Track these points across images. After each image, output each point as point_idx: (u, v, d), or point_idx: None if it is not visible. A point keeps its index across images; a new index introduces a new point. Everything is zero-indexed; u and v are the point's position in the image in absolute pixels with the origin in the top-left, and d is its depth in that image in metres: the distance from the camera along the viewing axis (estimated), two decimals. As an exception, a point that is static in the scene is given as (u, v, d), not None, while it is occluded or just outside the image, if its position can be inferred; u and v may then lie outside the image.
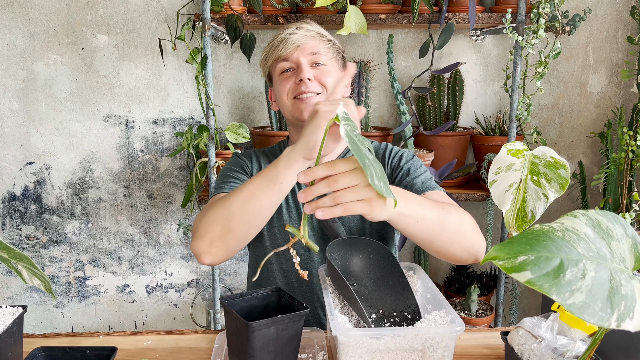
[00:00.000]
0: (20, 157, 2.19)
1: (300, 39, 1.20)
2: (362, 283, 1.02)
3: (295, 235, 0.81)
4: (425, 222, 0.95)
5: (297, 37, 1.20)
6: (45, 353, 0.89)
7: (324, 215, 0.81)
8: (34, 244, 2.27)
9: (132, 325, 2.36)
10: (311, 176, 0.81)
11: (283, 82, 1.22)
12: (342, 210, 0.82)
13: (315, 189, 0.81)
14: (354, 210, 0.82)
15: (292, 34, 1.20)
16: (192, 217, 2.25)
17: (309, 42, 1.21)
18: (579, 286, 0.49)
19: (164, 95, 2.15)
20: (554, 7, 1.75)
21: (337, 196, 0.80)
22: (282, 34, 1.22)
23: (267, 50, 1.26)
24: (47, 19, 2.08)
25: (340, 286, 0.94)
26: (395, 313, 0.97)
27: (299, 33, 1.21)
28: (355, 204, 0.82)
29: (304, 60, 1.20)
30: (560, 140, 2.22)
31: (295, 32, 1.21)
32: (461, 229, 1.02)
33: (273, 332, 0.85)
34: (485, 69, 2.16)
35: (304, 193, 0.80)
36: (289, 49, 1.20)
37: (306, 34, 1.21)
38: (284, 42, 1.20)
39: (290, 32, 1.21)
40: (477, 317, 2.01)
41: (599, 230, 0.56)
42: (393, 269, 1.01)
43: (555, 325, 0.83)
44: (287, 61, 1.22)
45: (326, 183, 0.80)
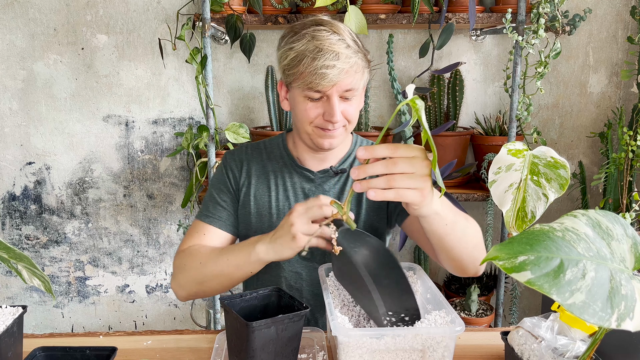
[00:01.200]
0: (20, 157, 2.19)
1: (337, 76, 1.07)
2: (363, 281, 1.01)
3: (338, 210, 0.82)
4: (453, 227, 0.96)
5: (334, 75, 1.06)
6: (45, 353, 0.89)
7: (375, 196, 0.80)
8: (34, 244, 2.27)
9: (132, 325, 2.36)
10: (371, 154, 0.80)
11: (308, 110, 1.12)
12: (394, 195, 0.81)
13: (371, 167, 0.80)
14: (405, 197, 0.82)
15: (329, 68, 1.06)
16: (192, 217, 2.25)
17: (346, 80, 1.08)
18: (579, 286, 0.49)
19: (164, 95, 2.15)
20: (554, 7, 1.75)
21: (393, 179, 0.80)
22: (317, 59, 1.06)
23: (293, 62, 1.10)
24: (47, 19, 2.08)
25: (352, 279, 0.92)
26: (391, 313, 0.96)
27: (337, 66, 1.06)
28: (408, 191, 0.81)
29: (336, 98, 1.10)
30: (560, 140, 2.22)
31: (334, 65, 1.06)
32: (478, 241, 1.05)
33: (273, 332, 0.85)
34: (485, 69, 2.16)
35: (357, 170, 0.80)
36: (324, 87, 1.08)
37: (345, 66, 1.07)
38: (320, 77, 1.06)
39: (327, 63, 1.06)
40: (477, 317, 2.01)
41: (599, 230, 0.56)
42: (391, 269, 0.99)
43: (555, 325, 0.83)
44: (318, 92, 1.10)
45: (385, 164, 0.80)
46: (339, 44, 1.07)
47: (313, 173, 1.23)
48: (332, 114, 1.09)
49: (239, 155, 1.29)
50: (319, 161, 1.23)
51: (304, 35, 1.09)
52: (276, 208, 1.23)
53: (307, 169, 1.23)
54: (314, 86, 1.08)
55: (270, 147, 1.29)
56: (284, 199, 1.23)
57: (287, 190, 1.23)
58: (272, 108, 1.99)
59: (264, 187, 1.24)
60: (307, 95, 1.11)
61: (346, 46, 1.08)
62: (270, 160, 1.26)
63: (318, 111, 1.11)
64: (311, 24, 1.11)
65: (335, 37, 1.08)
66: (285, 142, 1.28)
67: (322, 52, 1.06)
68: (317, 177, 1.23)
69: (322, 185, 1.22)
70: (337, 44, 1.07)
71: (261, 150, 1.29)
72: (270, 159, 1.27)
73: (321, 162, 1.23)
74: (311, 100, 1.11)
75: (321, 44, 1.07)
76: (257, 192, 1.24)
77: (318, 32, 1.08)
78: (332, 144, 1.15)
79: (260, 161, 1.27)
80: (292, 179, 1.24)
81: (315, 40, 1.07)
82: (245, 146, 1.32)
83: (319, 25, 1.10)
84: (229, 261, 1.09)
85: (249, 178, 1.26)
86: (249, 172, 1.26)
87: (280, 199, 1.23)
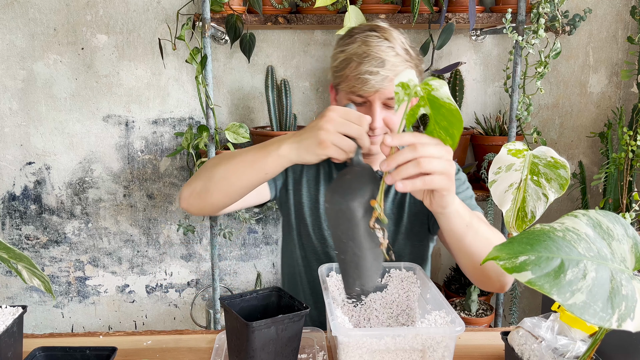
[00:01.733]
0: (20, 157, 2.19)
1: (380, 83, 1.06)
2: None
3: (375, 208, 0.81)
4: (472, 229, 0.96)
5: (376, 81, 1.06)
6: (45, 353, 0.89)
7: (404, 187, 0.79)
8: (34, 244, 2.26)
9: (132, 325, 2.36)
10: (399, 140, 0.79)
11: None
12: (423, 183, 0.80)
13: (400, 155, 0.79)
14: (434, 183, 0.81)
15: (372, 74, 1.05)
16: (192, 217, 2.25)
17: (390, 88, 1.07)
18: (580, 286, 0.49)
19: (164, 95, 2.15)
20: (554, 7, 1.75)
21: (421, 162, 0.79)
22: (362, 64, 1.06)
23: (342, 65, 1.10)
24: (47, 19, 2.08)
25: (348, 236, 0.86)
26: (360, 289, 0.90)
27: (381, 73, 1.06)
28: (436, 177, 0.81)
29: (377, 104, 1.09)
30: (560, 140, 2.22)
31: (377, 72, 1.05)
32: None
33: (273, 332, 0.85)
34: (485, 69, 2.16)
35: (387, 161, 0.79)
36: (366, 92, 1.08)
37: (389, 74, 1.06)
38: (363, 82, 1.06)
39: (371, 69, 1.05)
40: (477, 317, 2.01)
41: (600, 231, 0.56)
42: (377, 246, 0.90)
43: (555, 325, 0.83)
44: (360, 97, 1.10)
45: (412, 148, 0.79)
46: (387, 51, 1.06)
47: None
48: (372, 120, 1.07)
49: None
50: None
51: (356, 39, 1.09)
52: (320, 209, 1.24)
53: None
54: (356, 90, 1.08)
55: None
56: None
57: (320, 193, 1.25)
58: (272, 108, 1.99)
59: (313, 181, 1.26)
60: (351, 99, 1.11)
61: (395, 54, 1.07)
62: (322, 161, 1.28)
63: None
64: (366, 28, 1.11)
65: (385, 44, 1.07)
66: None
67: (368, 57, 1.06)
68: None
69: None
70: (385, 51, 1.06)
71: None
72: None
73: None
74: (354, 104, 1.10)
75: (369, 49, 1.06)
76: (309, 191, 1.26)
77: (369, 38, 1.08)
78: (372, 149, 1.14)
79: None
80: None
81: (364, 45, 1.07)
82: None
83: (373, 30, 1.10)
84: (245, 156, 1.02)
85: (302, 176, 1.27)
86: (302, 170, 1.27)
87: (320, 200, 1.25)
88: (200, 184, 1.09)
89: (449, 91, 0.76)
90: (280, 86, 1.98)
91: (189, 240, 2.28)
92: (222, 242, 2.27)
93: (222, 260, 2.29)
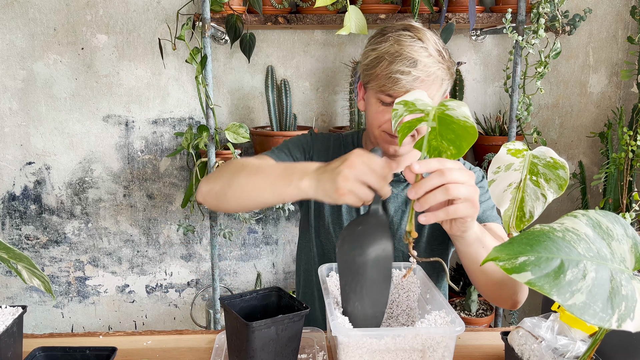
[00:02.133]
0: (20, 157, 2.19)
1: (411, 83, 1.04)
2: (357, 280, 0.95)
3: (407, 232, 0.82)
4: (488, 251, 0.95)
5: (407, 81, 1.04)
6: (45, 353, 0.89)
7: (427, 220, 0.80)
8: (34, 244, 2.26)
9: (132, 325, 2.36)
10: (426, 167, 0.79)
11: (379, 114, 1.11)
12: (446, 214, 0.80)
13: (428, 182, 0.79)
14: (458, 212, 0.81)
15: (403, 74, 1.04)
16: (192, 217, 2.25)
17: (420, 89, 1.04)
18: (580, 287, 0.49)
19: (164, 95, 2.15)
20: (554, 7, 1.75)
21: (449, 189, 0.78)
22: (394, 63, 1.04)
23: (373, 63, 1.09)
24: (47, 19, 2.08)
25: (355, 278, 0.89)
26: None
27: (413, 73, 1.04)
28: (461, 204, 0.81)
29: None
30: (560, 140, 2.22)
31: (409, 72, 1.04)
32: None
33: (273, 332, 0.85)
34: (485, 69, 2.16)
35: (414, 188, 0.79)
36: (396, 92, 1.05)
37: (421, 75, 1.04)
38: (394, 81, 1.05)
39: (403, 69, 1.04)
40: (477, 317, 2.01)
41: (599, 231, 0.55)
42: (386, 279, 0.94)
43: (555, 325, 0.83)
44: (390, 97, 1.08)
45: (439, 174, 0.78)
46: (420, 51, 1.05)
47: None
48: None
49: (325, 141, 1.29)
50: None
51: (388, 38, 1.08)
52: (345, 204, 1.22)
53: None
54: (386, 90, 1.07)
55: (346, 143, 1.29)
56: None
57: None
58: (272, 108, 1.99)
59: None
60: (380, 98, 1.10)
61: (427, 55, 1.05)
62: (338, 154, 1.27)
63: (388, 116, 1.09)
64: (399, 27, 1.10)
65: (418, 44, 1.06)
66: (360, 140, 1.28)
67: (400, 56, 1.04)
68: None
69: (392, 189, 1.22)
70: (418, 51, 1.05)
71: (341, 143, 1.29)
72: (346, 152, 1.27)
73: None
74: (383, 104, 1.10)
75: (402, 49, 1.05)
76: None
77: (402, 37, 1.06)
78: (397, 151, 1.14)
79: (338, 152, 1.26)
80: None
81: (396, 45, 1.06)
82: (330, 136, 1.31)
83: (406, 30, 1.08)
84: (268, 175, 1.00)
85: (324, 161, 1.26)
86: (326, 157, 1.24)
87: None
88: (218, 186, 1.08)
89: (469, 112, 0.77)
90: (280, 86, 1.98)
91: (189, 240, 2.28)
92: (222, 242, 2.27)
93: (222, 260, 2.29)
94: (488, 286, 1.05)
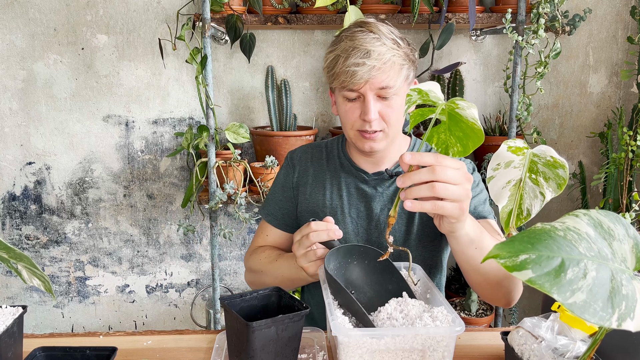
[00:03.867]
0: (20, 157, 2.19)
1: (368, 73, 1.06)
2: (360, 290, 1.00)
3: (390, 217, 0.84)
4: (481, 253, 0.96)
5: (364, 72, 1.06)
6: (45, 353, 0.89)
7: (412, 207, 0.80)
8: (34, 244, 2.26)
9: (132, 325, 2.36)
10: (417, 160, 0.79)
11: (348, 112, 1.13)
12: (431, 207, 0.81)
13: (416, 174, 0.79)
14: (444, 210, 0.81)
15: (359, 66, 1.06)
16: (192, 217, 2.25)
17: (379, 77, 1.07)
18: (580, 286, 0.49)
19: (164, 95, 2.15)
20: (554, 7, 1.75)
21: (435, 187, 0.78)
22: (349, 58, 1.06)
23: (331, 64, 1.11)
24: (47, 19, 2.08)
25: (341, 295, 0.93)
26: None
27: (367, 63, 1.05)
28: (448, 204, 0.80)
29: (370, 95, 1.09)
30: (560, 140, 2.22)
31: (364, 63, 1.06)
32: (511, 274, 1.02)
33: (273, 332, 0.85)
34: (485, 69, 2.16)
35: (403, 177, 0.79)
36: (356, 84, 1.07)
37: (376, 63, 1.05)
38: (351, 75, 1.06)
39: (357, 61, 1.06)
40: (477, 317, 2.01)
41: (601, 230, 0.55)
42: (391, 273, 1.00)
43: (555, 325, 0.83)
44: (352, 92, 1.10)
45: (429, 170, 0.79)
46: (373, 42, 1.07)
47: (368, 175, 1.22)
48: (366, 111, 1.09)
49: (301, 155, 1.32)
50: (372, 164, 1.23)
51: (343, 37, 1.11)
52: (330, 207, 1.23)
53: (362, 170, 1.23)
54: (347, 84, 1.08)
55: (331, 148, 1.31)
56: (337, 198, 1.23)
57: (341, 190, 1.24)
58: (272, 108, 1.99)
59: (320, 186, 1.26)
60: (345, 95, 1.12)
61: (380, 44, 1.07)
62: (329, 160, 1.28)
63: (357, 112, 1.11)
64: (352, 26, 1.13)
65: (370, 36, 1.08)
66: (344, 144, 1.29)
67: (354, 50, 1.07)
68: (372, 179, 1.22)
69: (376, 187, 1.22)
70: (370, 42, 1.07)
71: (322, 150, 1.31)
72: (329, 159, 1.28)
73: (375, 165, 1.23)
74: (349, 100, 1.12)
75: (354, 43, 1.07)
76: (313, 190, 1.26)
77: (355, 33, 1.09)
78: (373, 147, 1.14)
79: (320, 160, 1.29)
80: (347, 180, 1.24)
81: (349, 41, 1.08)
82: (309, 146, 1.34)
83: (358, 26, 1.11)
84: (284, 275, 1.15)
85: (307, 177, 1.28)
86: (307, 170, 1.28)
87: (334, 198, 1.24)
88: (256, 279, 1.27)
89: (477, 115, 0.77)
90: (280, 86, 1.98)
91: (189, 240, 2.28)
92: (222, 242, 2.26)
93: (222, 260, 2.28)
94: (482, 286, 1.05)
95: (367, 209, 1.21)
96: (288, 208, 1.29)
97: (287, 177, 1.30)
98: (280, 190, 1.31)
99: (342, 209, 1.22)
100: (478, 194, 1.20)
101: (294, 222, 1.29)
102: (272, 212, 1.30)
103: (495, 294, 1.07)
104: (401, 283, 0.98)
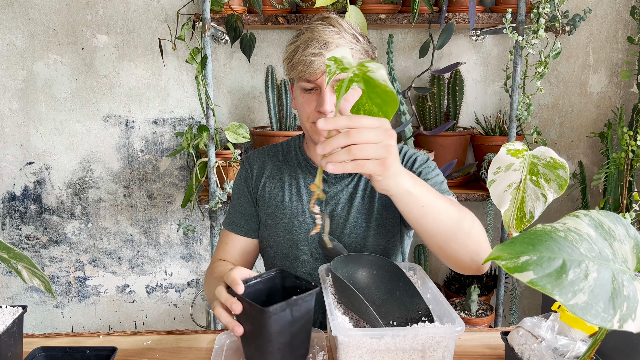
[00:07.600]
0: (20, 157, 2.19)
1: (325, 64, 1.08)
2: (369, 299, 1.00)
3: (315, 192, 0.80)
4: (431, 210, 0.92)
5: (321, 62, 1.07)
6: (45, 353, 0.89)
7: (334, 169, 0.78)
8: (34, 244, 2.26)
9: (132, 325, 2.36)
10: (332, 124, 0.78)
11: (304, 104, 1.14)
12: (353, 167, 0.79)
13: (335, 140, 0.78)
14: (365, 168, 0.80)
15: (316, 56, 1.07)
16: (192, 217, 2.25)
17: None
18: (582, 287, 0.49)
19: (164, 95, 2.15)
20: (554, 7, 1.75)
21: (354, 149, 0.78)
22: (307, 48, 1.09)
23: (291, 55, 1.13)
24: (47, 19, 2.08)
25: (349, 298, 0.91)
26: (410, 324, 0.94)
27: (324, 54, 1.07)
28: (368, 162, 0.80)
29: (327, 89, 1.09)
30: (560, 140, 2.22)
31: (321, 53, 1.07)
32: (472, 231, 0.98)
33: (288, 314, 0.84)
34: (485, 69, 2.16)
35: (322, 145, 0.78)
36: (312, 74, 1.09)
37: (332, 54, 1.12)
38: (308, 64, 1.08)
39: (315, 51, 1.08)
40: (477, 317, 2.01)
41: (602, 231, 0.55)
42: (399, 280, 0.99)
43: (555, 325, 0.83)
44: (309, 82, 1.11)
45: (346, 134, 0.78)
46: (332, 34, 1.09)
47: (326, 173, 1.21)
48: (322, 103, 1.09)
49: (256, 157, 1.32)
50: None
51: (304, 30, 1.13)
52: (289, 209, 1.23)
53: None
54: (304, 75, 1.10)
55: (287, 148, 1.31)
56: (297, 199, 1.23)
57: (300, 190, 1.24)
58: (272, 108, 1.99)
59: (278, 188, 1.26)
60: (302, 86, 1.13)
61: (340, 37, 1.09)
62: (286, 161, 1.28)
63: (313, 104, 1.12)
64: (314, 20, 1.15)
65: (330, 29, 1.10)
66: (301, 143, 1.29)
67: (313, 40, 1.09)
68: (331, 177, 1.22)
69: (335, 186, 1.22)
70: (330, 35, 1.09)
71: (278, 151, 1.31)
72: (286, 160, 1.28)
73: None
74: (306, 91, 1.13)
75: (314, 34, 1.10)
76: (271, 193, 1.26)
77: (315, 26, 1.12)
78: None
79: (277, 162, 1.29)
80: (306, 180, 1.24)
81: (309, 33, 1.11)
82: (265, 148, 1.34)
83: (319, 20, 1.14)
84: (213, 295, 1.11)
85: (264, 180, 1.27)
86: (264, 173, 1.28)
87: (294, 199, 1.23)
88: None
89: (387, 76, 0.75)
90: (280, 86, 1.98)
91: (189, 240, 2.28)
92: (222, 242, 2.26)
93: (222, 260, 2.28)
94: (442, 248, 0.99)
95: (327, 209, 1.22)
96: (251, 213, 1.28)
97: (245, 182, 1.30)
98: (239, 196, 1.30)
99: (302, 210, 1.22)
100: (434, 176, 1.20)
101: (255, 227, 1.29)
102: (234, 221, 1.29)
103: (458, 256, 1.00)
104: (409, 287, 0.97)
